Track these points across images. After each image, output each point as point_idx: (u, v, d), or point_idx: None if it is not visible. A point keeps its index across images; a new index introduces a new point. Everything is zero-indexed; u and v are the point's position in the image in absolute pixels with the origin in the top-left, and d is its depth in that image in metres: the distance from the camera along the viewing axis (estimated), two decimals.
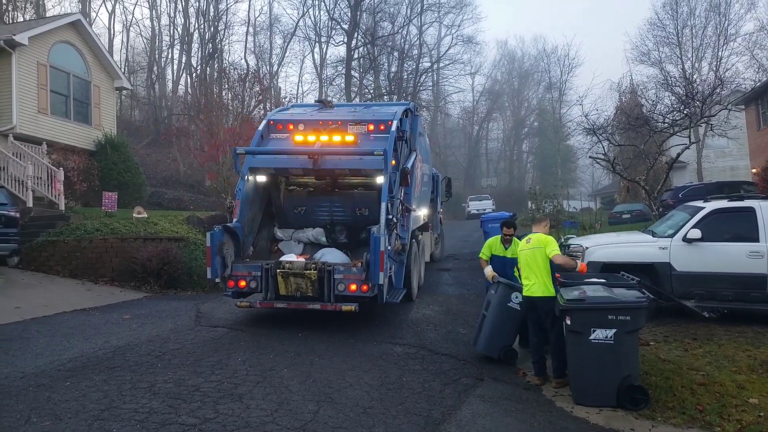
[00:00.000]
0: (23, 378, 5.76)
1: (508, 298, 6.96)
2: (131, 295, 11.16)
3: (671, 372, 6.21)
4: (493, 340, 6.93)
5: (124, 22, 53.06)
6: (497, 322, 6.94)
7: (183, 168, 28.02)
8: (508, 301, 6.96)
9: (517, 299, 6.89)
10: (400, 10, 44.30)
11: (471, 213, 37.72)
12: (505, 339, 6.93)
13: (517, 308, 6.90)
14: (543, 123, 61.99)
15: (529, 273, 6.31)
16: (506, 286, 7.06)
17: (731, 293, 8.34)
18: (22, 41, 15.43)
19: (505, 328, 6.94)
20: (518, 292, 6.84)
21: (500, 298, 7.01)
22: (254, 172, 8.99)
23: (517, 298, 6.87)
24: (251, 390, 5.50)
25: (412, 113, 10.13)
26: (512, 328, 7.00)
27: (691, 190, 19.29)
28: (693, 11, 36.19)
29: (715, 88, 17.06)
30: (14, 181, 14.04)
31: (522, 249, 6.54)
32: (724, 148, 30.89)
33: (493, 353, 6.91)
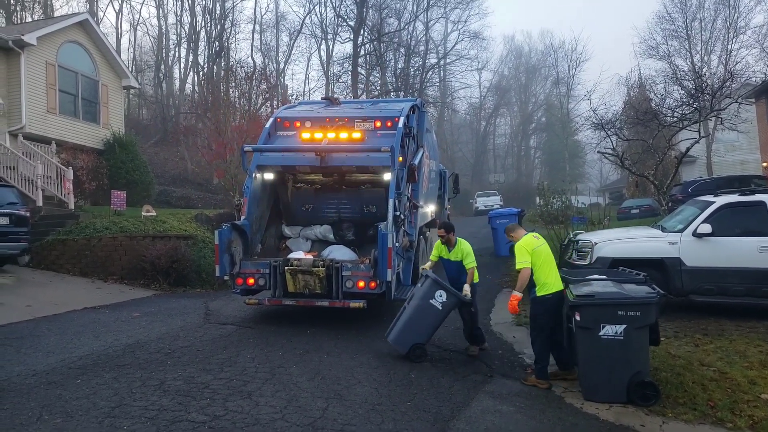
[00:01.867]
0: (34, 376, 5.80)
1: (432, 295, 6.61)
2: (140, 293, 11.22)
3: (682, 368, 6.16)
4: (405, 334, 6.62)
5: (131, 21, 53.11)
6: (414, 317, 6.63)
7: (191, 166, 28.12)
8: (431, 297, 6.61)
9: (441, 298, 6.56)
10: (407, 6, 44.15)
11: (479, 209, 37.64)
12: (417, 335, 6.60)
13: (438, 308, 6.57)
14: (551, 118, 61.71)
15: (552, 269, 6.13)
16: (433, 282, 6.67)
17: (743, 288, 8.26)
18: (30, 41, 15.53)
19: (421, 325, 6.61)
20: (444, 291, 6.56)
21: (423, 292, 6.68)
22: (262, 169, 9.01)
23: (442, 296, 6.55)
24: (260, 387, 5.52)
25: (419, 109, 10.11)
26: (428, 326, 6.65)
27: (700, 184, 19.15)
28: (702, 4, 35.81)
29: (725, 82, 16.92)
30: (24, 180, 14.14)
31: (539, 246, 6.17)
32: (734, 141, 30.59)
33: (402, 348, 6.61)
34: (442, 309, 6.60)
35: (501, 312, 9.43)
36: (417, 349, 6.61)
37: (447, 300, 6.59)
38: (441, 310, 6.60)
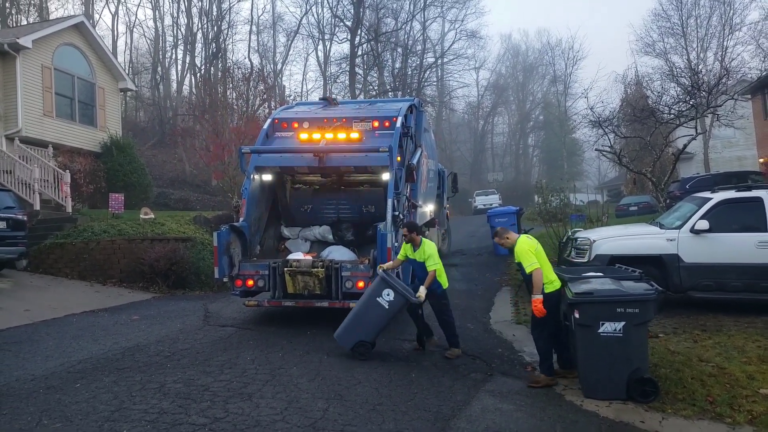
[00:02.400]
0: (33, 380, 5.80)
1: (379, 293, 6.54)
2: (139, 296, 11.21)
3: (681, 364, 6.17)
4: (348, 331, 6.59)
5: (127, 23, 53.39)
6: (359, 313, 6.61)
7: (189, 168, 28.09)
8: (378, 295, 6.54)
9: (388, 297, 6.48)
10: (403, 6, 44.16)
11: (477, 208, 37.70)
12: (360, 333, 6.54)
13: (384, 306, 6.48)
14: (548, 116, 61.75)
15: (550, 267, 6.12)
16: (381, 281, 6.62)
17: (741, 284, 8.28)
18: (26, 44, 15.50)
19: (365, 322, 6.56)
20: (392, 290, 6.49)
21: (371, 289, 6.67)
22: (260, 171, 9.00)
23: (389, 296, 6.47)
24: (261, 389, 5.52)
25: (416, 109, 10.11)
26: (373, 324, 6.56)
27: (698, 181, 19.18)
28: (697, 1, 35.82)
29: (721, 78, 16.91)
30: (21, 184, 14.12)
31: (538, 245, 6.13)
32: (731, 138, 30.63)
33: (346, 344, 6.57)
34: (388, 308, 6.51)
35: (500, 311, 9.44)
36: (361, 347, 6.55)
37: (394, 299, 6.49)
38: (387, 309, 6.51)
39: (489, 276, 12.57)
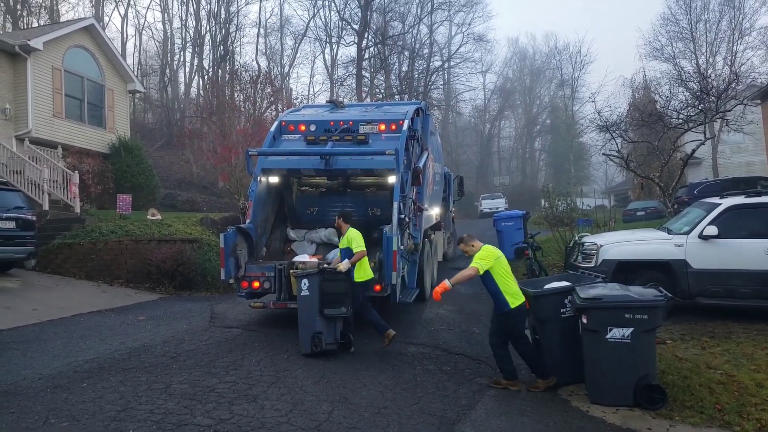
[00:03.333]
0: (41, 379, 5.83)
1: (301, 288, 6.84)
2: (146, 297, 11.25)
3: (689, 371, 6.13)
4: (302, 331, 6.84)
5: (136, 25, 53.73)
6: (300, 313, 6.89)
7: (196, 170, 28.19)
8: (301, 291, 6.85)
9: (305, 285, 6.77)
10: (411, 10, 44.18)
11: (483, 212, 37.54)
12: (310, 327, 6.75)
13: (307, 294, 6.77)
14: (555, 120, 61.54)
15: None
16: (296, 277, 6.98)
17: (749, 290, 8.21)
18: (36, 46, 15.63)
19: (306, 317, 6.79)
20: (306, 279, 6.79)
21: (298, 289, 6.93)
22: (267, 173, 9.02)
23: (305, 284, 6.77)
24: (266, 390, 5.52)
25: (423, 112, 10.11)
26: (311, 315, 6.75)
27: (706, 186, 19.06)
28: (707, 5, 35.69)
29: (730, 83, 16.81)
30: (31, 184, 14.22)
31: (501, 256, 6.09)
32: (740, 143, 30.42)
33: (305, 347, 6.73)
34: (310, 294, 6.77)
35: None
36: (315, 338, 6.70)
37: (310, 283, 6.76)
38: (310, 295, 6.77)
39: None
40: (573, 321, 5.86)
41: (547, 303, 6.02)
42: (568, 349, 5.92)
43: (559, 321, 5.96)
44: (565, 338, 5.93)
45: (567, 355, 5.93)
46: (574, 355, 5.84)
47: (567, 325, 5.92)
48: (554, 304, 5.98)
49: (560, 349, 5.98)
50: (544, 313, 6.02)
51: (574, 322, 5.85)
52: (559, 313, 5.95)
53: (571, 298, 5.84)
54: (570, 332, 5.90)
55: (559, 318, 5.96)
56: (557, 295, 6.02)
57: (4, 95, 15.49)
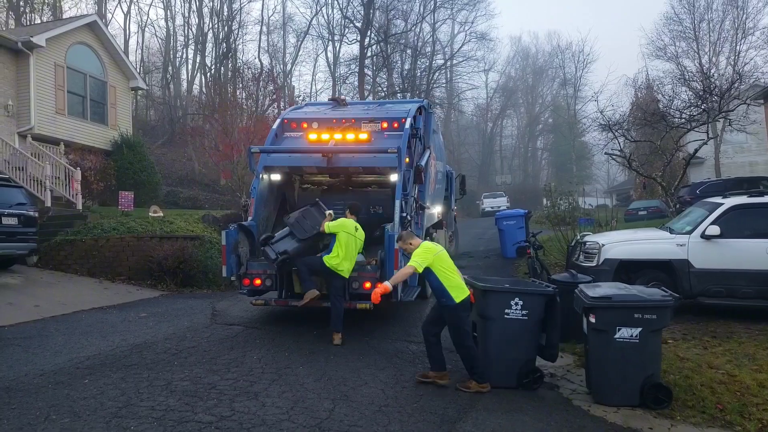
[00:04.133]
0: (42, 376, 5.83)
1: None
2: (148, 294, 11.26)
3: (690, 370, 6.12)
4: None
5: (139, 22, 53.71)
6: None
7: (198, 167, 28.22)
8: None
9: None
10: (413, 8, 44.18)
11: (485, 210, 37.58)
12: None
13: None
14: (557, 119, 61.51)
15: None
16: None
17: (752, 290, 8.20)
18: (39, 43, 15.65)
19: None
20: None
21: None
22: (269, 170, 9.02)
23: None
24: (267, 388, 5.52)
25: (425, 110, 10.10)
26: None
27: (709, 186, 19.04)
28: (710, 5, 35.64)
29: (733, 83, 16.78)
30: (33, 180, 14.24)
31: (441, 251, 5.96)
32: (743, 143, 30.37)
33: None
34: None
35: None
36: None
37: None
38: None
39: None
40: (516, 324, 5.79)
41: (494, 300, 5.89)
42: (503, 352, 5.82)
43: (502, 321, 5.83)
44: (503, 340, 5.84)
45: (501, 357, 5.83)
46: (507, 359, 5.79)
47: (508, 327, 5.82)
48: (500, 303, 5.85)
49: (495, 350, 5.87)
50: (488, 310, 5.87)
51: (517, 325, 5.79)
52: (503, 313, 5.83)
53: (518, 300, 5.81)
54: (509, 335, 5.82)
55: (501, 318, 5.83)
56: (505, 294, 5.91)
57: (6, 92, 15.52)
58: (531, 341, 5.91)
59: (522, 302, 5.85)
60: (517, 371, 5.84)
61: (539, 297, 5.93)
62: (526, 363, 5.87)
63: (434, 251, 5.88)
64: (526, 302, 5.86)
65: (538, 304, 5.89)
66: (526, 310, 5.85)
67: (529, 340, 5.90)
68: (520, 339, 5.86)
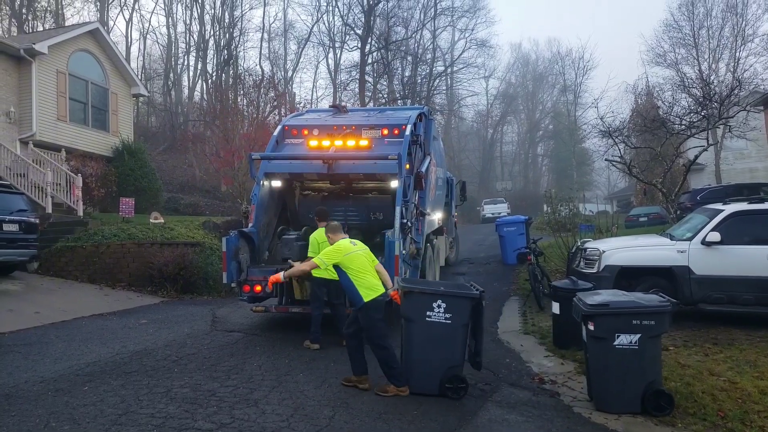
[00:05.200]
0: (42, 383, 5.83)
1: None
2: (148, 300, 11.26)
3: (691, 377, 6.10)
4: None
5: (140, 30, 53.60)
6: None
7: (199, 173, 28.25)
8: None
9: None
10: (414, 15, 44.37)
11: (486, 217, 37.55)
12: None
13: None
14: (558, 126, 61.62)
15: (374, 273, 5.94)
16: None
17: (752, 297, 8.18)
18: (41, 50, 15.71)
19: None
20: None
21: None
22: (269, 177, 9.04)
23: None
24: (267, 395, 5.51)
25: (426, 117, 10.12)
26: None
27: (709, 192, 19.04)
28: (709, 12, 35.77)
29: (733, 89, 16.80)
30: (34, 187, 14.26)
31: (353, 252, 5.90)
32: (743, 149, 30.38)
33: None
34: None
35: (508, 320, 9.39)
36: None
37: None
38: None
39: (497, 285, 12.51)
40: (438, 328, 5.62)
41: (414, 301, 5.73)
42: (424, 357, 5.68)
43: (423, 323, 5.66)
44: (425, 344, 5.67)
45: (422, 362, 5.68)
46: (429, 364, 5.63)
47: (430, 330, 5.65)
48: (421, 305, 5.69)
49: (416, 354, 5.72)
50: (409, 312, 5.73)
51: (439, 329, 5.62)
52: (425, 316, 5.66)
53: (441, 303, 5.62)
54: (431, 339, 5.65)
55: (423, 320, 5.66)
56: (427, 295, 5.73)
57: (8, 98, 15.56)
58: (455, 347, 5.67)
59: (445, 305, 5.62)
60: (439, 378, 5.60)
61: (464, 300, 5.70)
62: (448, 370, 5.62)
63: (344, 251, 5.83)
64: (450, 305, 5.63)
65: (463, 307, 5.66)
66: (450, 314, 5.62)
67: (452, 346, 5.66)
68: (443, 344, 5.63)
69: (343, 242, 5.99)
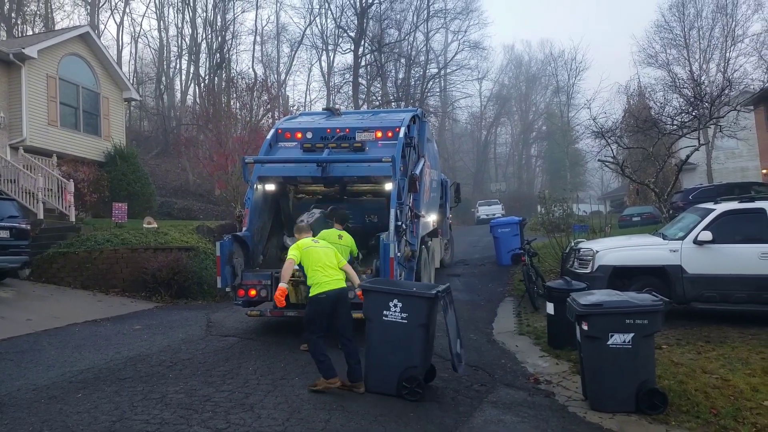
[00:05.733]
0: (35, 390, 5.79)
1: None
2: (142, 306, 11.21)
3: (684, 375, 6.14)
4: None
5: (132, 33, 53.44)
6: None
7: (192, 177, 28.18)
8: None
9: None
10: (407, 17, 44.43)
11: (480, 218, 37.63)
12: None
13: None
14: (551, 127, 61.86)
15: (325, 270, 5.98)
16: None
17: (744, 295, 8.24)
18: (31, 54, 15.62)
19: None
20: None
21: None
22: (263, 180, 9.03)
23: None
24: (262, 399, 5.50)
25: (419, 119, 10.14)
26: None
27: (701, 191, 19.15)
28: (700, 13, 36.10)
29: (724, 89, 16.96)
30: (25, 193, 14.16)
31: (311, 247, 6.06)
32: (734, 149, 30.63)
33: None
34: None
35: (503, 321, 9.42)
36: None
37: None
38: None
39: (492, 286, 12.54)
40: (395, 327, 5.63)
41: (371, 300, 5.80)
42: (382, 356, 5.71)
43: (380, 323, 5.69)
44: (382, 343, 5.70)
45: (380, 361, 5.72)
46: (386, 364, 5.66)
47: (387, 330, 5.67)
48: (378, 304, 5.73)
49: (374, 353, 5.77)
50: (368, 311, 5.80)
51: (395, 328, 5.63)
52: (381, 315, 5.69)
53: (397, 302, 5.64)
54: (388, 338, 5.67)
55: (380, 319, 5.69)
56: (383, 294, 5.77)
57: None
58: (412, 347, 5.66)
59: (401, 304, 5.64)
60: (396, 378, 5.60)
61: (420, 300, 5.68)
62: (406, 370, 5.60)
63: (302, 246, 6.07)
64: (406, 305, 5.64)
65: (419, 307, 5.64)
66: (406, 313, 5.62)
67: (409, 346, 5.65)
68: (400, 344, 5.64)
69: (304, 240, 6.22)
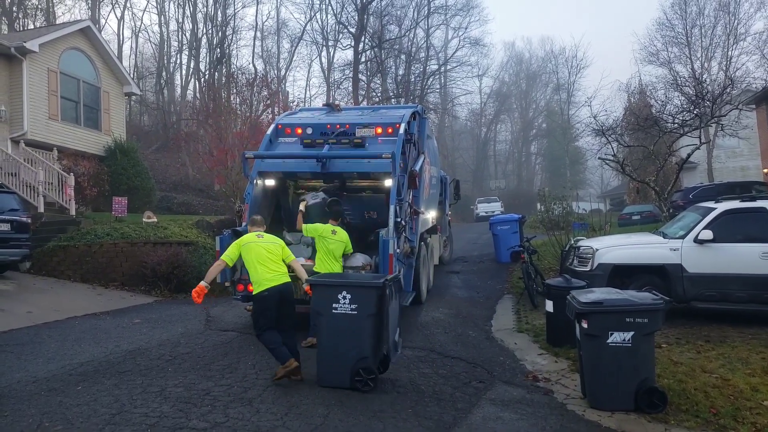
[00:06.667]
0: (35, 382, 5.79)
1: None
2: (141, 300, 11.22)
3: (684, 374, 6.14)
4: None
5: (132, 28, 53.49)
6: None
7: (192, 172, 28.16)
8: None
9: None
10: (407, 13, 44.39)
11: (479, 215, 37.62)
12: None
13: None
14: (551, 124, 61.83)
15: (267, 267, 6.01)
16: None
17: (745, 295, 8.23)
18: (32, 48, 15.59)
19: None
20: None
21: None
22: (263, 176, 9.02)
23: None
24: (261, 394, 5.51)
25: (419, 116, 10.13)
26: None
27: (701, 190, 19.14)
28: (702, 11, 36.02)
29: (725, 88, 16.94)
30: (26, 186, 14.17)
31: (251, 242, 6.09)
32: (735, 148, 30.61)
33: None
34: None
35: (502, 318, 9.42)
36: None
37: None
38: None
39: (491, 283, 12.54)
40: (345, 319, 5.64)
41: (320, 294, 5.80)
42: (333, 349, 5.70)
43: (330, 316, 5.70)
44: (333, 336, 5.70)
45: (332, 355, 5.71)
46: (338, 357, 5.66)
47: (337, 323, 5.68)
48: (327, 297, 5.73)
49: (326, 347, 5.75)
50: (317, 305, 5.81)
51: (345, 320, 5.64)
52: (331, 308, 5.69)
53: (346, 294, 5.63)
54: (339, 331, 5.67)
55: (329, 313, 5.70)
56: (331, 287, 5.77)
57: None
58: (363, 338, 5.65)
59: (350, 296, 5.63)
60: (349, 370, 5.60)
61: (369, 290, 5.66)
62: (358, 362, 5.61)
63: (241, 242, 6.10)
64: (355, 296, 5.63)
65: (369, 297, 5.62)
66: (355, 305, 5.62)
67: (360, 337, 5.65)
68: (351, 335, 5.63)
69: (247, 235, 6.30)
